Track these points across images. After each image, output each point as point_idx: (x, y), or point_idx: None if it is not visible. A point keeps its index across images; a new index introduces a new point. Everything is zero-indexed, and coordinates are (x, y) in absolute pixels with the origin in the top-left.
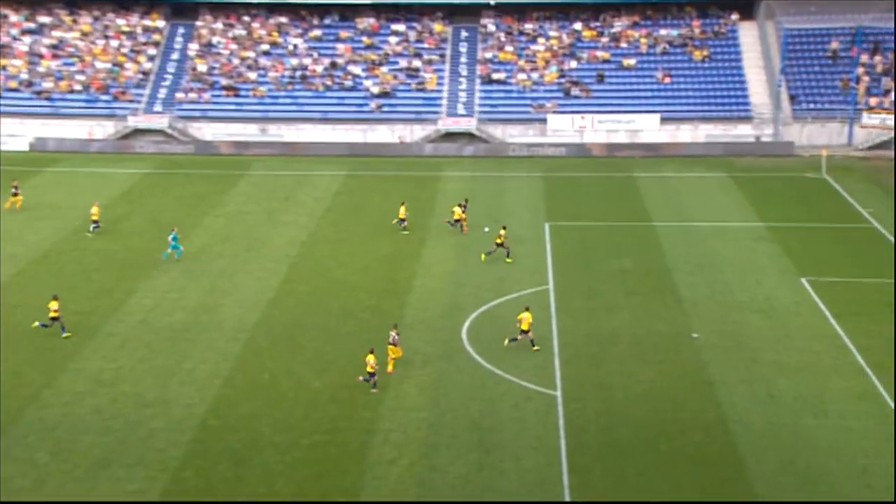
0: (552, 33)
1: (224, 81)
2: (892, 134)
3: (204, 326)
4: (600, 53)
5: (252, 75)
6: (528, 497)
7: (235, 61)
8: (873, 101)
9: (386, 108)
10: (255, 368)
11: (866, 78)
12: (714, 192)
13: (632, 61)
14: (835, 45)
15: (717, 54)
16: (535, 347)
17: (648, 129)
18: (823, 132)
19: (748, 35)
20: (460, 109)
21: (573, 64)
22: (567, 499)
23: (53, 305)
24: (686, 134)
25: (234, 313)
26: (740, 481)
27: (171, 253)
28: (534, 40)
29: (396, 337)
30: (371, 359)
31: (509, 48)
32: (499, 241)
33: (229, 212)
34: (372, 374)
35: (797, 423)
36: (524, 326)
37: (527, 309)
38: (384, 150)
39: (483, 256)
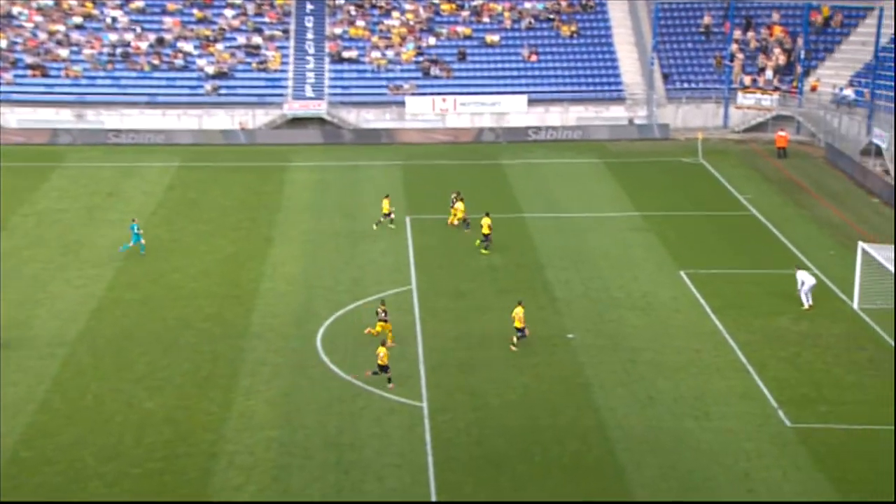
0: (408, 6)
1: (29, 59)
2: (768, 115)
3: (13, 344)
4: (461, 29)
5: (63, 52)
6: None
7: (42, 36)
8: (747, 79)
9: (223, 91)
10: (76, 389)
11: (740, 55)
12: (587, 180)
13: (495, 37)
14: (707, 19)
15: (585, 30)
16: (514, 347)
17: (515, 111)
18: (699, 113)
19: (618, 9)
20: (308, 92)
21: (432, 40)
22: None
23: None
24: (556, 116)
25: (49, 327)
26: (620, 489)
27: (134, 246)
28: (388, 14)
29: (384, 313)
30: (382, 351)
31: (360, 23)
32: (486, 231)
33: (41, 210)
34: (384, 368)
35: (678, 426)
36: (518, 324)
37: (519, 304)
38: (223, 137)
39: (477, 243)
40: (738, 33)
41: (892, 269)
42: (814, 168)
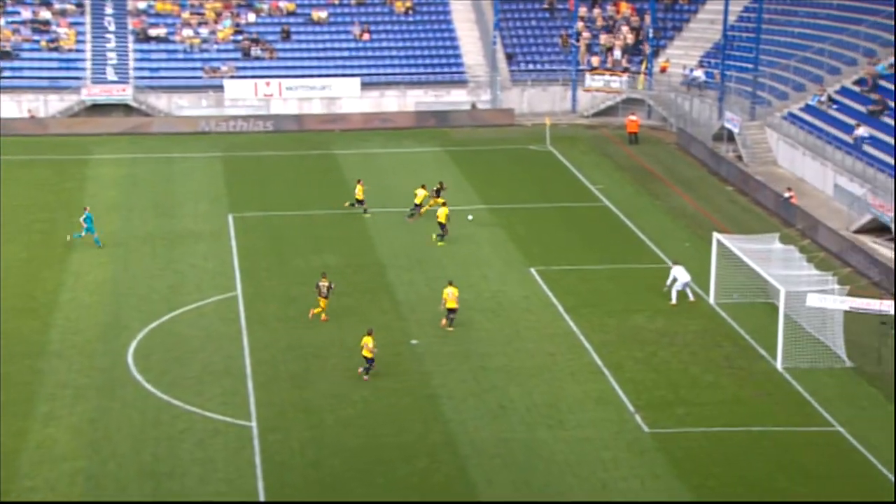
0: None
1: None
2: (617, 98)
3: None
4: (284, 4)
5: None
6: None
7: None
8: (595, 60)
9: (8, 74)
10: None
11: (586, 34)
12: (428, 170)
13: (322, 13)
14: None
15: (422, 5)
16: (450, 328)
17: (348, 96)
18: (546, 97)
19: None
20: (110, 75)
21: (251, 17)
22: None
23: None
24: (392, 101)
25: None
26: None
27: (85, 236)
28: None
29: (324, 286)
30: (368, 341)
31: None
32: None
33: None
34: (370, 360)
35: (531, 436)
36: (451, 304)
37: (450, 283)
38: (9, 127)
39: (434, 237)
40: (583, 10)
41: (748, 261)
42: (666, 154)
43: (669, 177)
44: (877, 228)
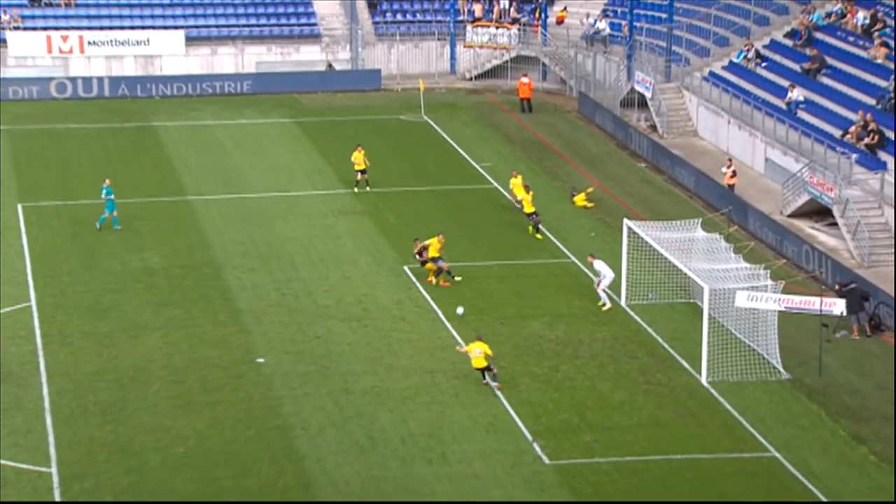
0: None
1: None
2: (505, 57)
3: None
4: None
5: None
6: None
7: None
8: (478, 9)
9: None
10: None
11: None
12: (275, 147)
13: None
14: None
15: None
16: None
17: (170, 53)
18: (419, 55)
19: None
20: None
21: None
22: None
23: None
24: (227, 60)
25: None
26: None
27: (109, 216)
28: None
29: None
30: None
31: None
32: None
33: None
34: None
35: (408, 473)
36: (479, 363)
37: (479, 339)
38: None
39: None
40: None
41: (665, 253)
42: (565, 125)
43: (570, 152)
44: (815, 211)
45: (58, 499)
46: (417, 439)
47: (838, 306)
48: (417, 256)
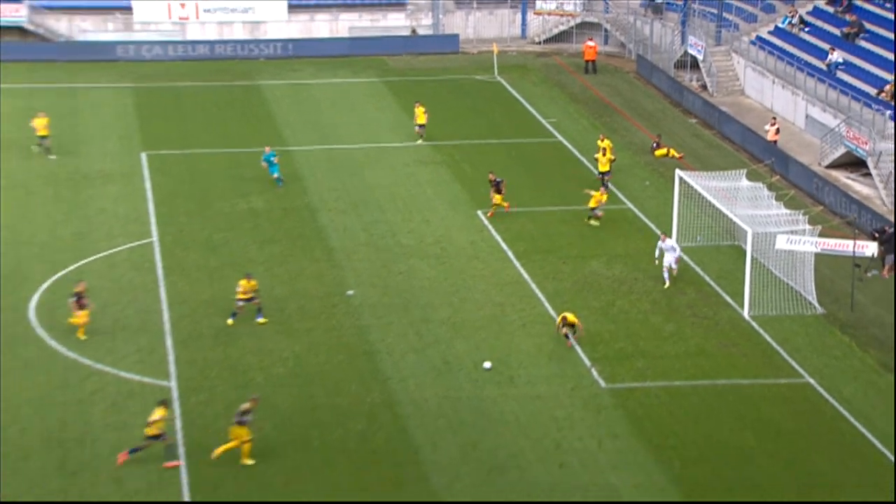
0: None
1: None
2: (571, 23)
3: None
4: None
5: None
6: None
7: None
8: None
9: None
10: None
11: None
12: (364, 104)
13: None
14: None
15: None
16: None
17: (274, 19)
18: (493, 22)
19: None
20: None
21: None
22: None
23: None
24: (323, 26)
25: None
26: (415, 474)
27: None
28: None
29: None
30: (158, 413)
31: None
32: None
33: None
34: (155, 437)
35: (479, 394)
36: (572, 319)
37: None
38: None
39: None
40: None
41: (712, 200)
42: (624, 84)
43: (628, 109)
44: (851, 163)
45: (177, 410)
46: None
47: (870, 248)
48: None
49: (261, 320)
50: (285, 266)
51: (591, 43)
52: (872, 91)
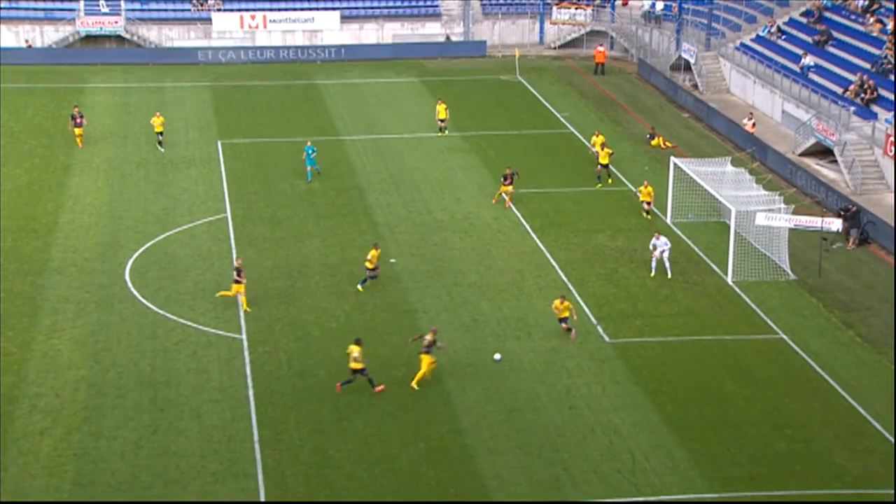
0: None
1: None
2: (582, 30)
3: None
4: None
5: None
6: (213, 457)
7: None
8: None
9: (4, 6)
10: None
11: None
12: (405, 100)
13: None
14: None
15: None
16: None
17: (329, 28)
18: (515, 29)
19: None
20: (103, 6)
21: None
22: (258, 454)
23: None
24: (371, 34)
25: None
26: (447, 414)
27: (310, 170)
28: None
29: (237, 273)
30: (355, 350)
31: None
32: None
33: None
34: (359, 371)
35: (502, 347)
36: (564, 314)
37: (563, 298)
38: (8, 56)
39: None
40: None
41: (702, 183)
42: (627, 84)
43: (630, 105)
44: (820, 151)
45: (247, 358)
46: (509, 321)
47: (835, 224)
48: (504, 180)
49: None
50: (337, 237)
51: (601, 48)
52: (839, 90)
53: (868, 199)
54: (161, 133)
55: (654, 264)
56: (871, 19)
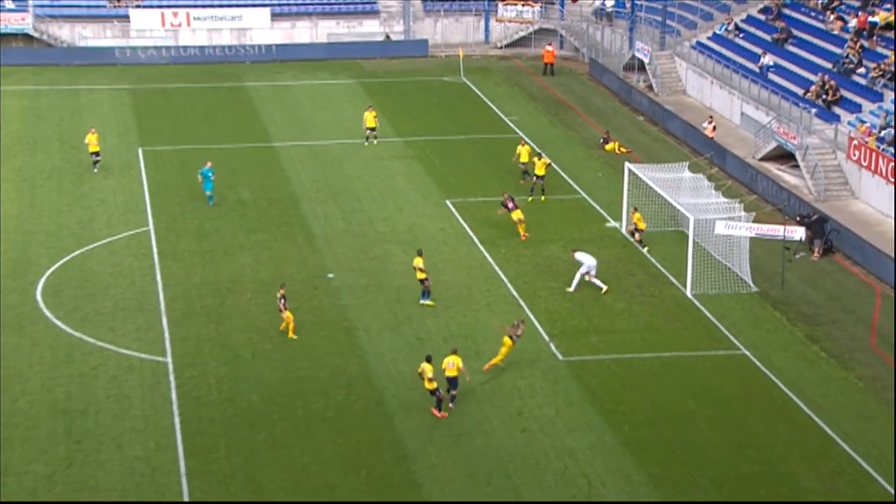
0: None
1: None
2: (530, 29)
3: None
4: None
5: None
6: (135, 491)
7: None
8: None
9: None
10: None
11: None
12: (342, 103)
13: None
14: None
15: None
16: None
17: (258, 26)
18: (459, 28)
19: None
20: (8, 2)
21: None
22: (185, 487)
23: None
24: (304, 32)
25: None
26: (390, 440)
27: (209, 194)
28: None
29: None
30: (429, 370)
31: None
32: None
33: None
34: (433, 391)
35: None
36: (451, 372)
37: (454, 352)
38: None
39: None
40: None
41: (658, 190)
42: (578, 85)
43: (582, 107)
44: (781, 156)
45: (172, 383)
46: (457, 340)
47: (798, 233)
48: (503, 206)
49: (427, 302)
50: (270, 251)
51: (549, 47)
52: (800, 91)
53: (832, 205)
54: (97, 153)
55: (576, 281)
56: (832, 16)
